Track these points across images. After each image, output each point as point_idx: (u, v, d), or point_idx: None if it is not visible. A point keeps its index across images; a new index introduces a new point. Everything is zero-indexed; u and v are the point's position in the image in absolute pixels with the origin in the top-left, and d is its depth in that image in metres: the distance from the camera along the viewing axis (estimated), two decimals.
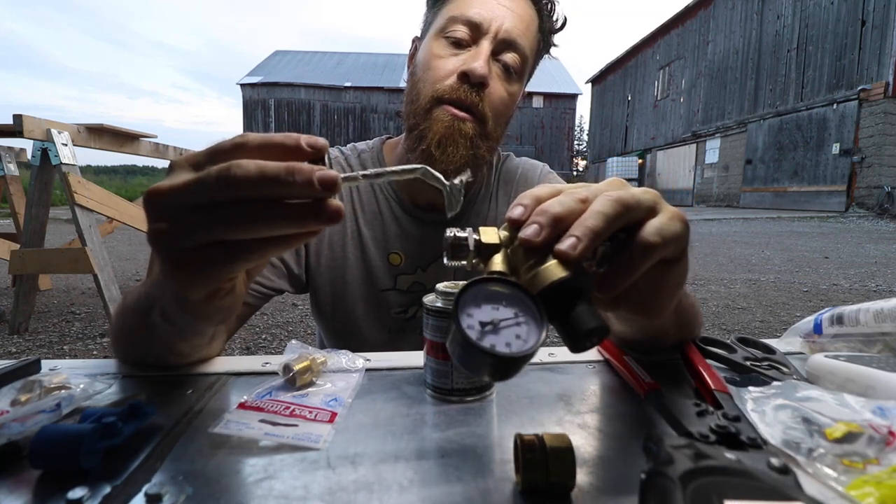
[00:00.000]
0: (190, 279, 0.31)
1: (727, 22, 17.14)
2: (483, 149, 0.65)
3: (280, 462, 0.30)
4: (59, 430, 0.29)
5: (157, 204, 0.29)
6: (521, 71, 0.68)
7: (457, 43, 0.64)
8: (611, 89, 27.12)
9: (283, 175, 0.27)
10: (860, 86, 11.76)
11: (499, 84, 0.65)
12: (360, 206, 0.74)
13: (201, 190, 0.28)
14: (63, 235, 5.97)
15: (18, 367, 0.40)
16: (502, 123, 0.68)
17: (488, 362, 0.26)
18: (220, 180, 0.27)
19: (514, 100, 0.68)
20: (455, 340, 0.27)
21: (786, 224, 9.86)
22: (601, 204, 0.30)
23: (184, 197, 0.28)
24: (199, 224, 0.28)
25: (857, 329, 0.46)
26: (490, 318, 0.27)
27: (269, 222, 0.28)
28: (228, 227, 0.28)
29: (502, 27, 0.64)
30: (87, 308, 3.12)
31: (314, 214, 0.28)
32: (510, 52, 0.65)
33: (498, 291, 0.29)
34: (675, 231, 0.32)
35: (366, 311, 0.75)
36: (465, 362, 0.27)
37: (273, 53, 27.95)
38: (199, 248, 0.29)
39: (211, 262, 0.30)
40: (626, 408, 0.39)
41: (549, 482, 0.26)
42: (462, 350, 0.27)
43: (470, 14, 0.64)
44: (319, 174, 0.27)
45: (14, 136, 2.33)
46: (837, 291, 3.75)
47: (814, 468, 0.28)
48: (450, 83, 0.62)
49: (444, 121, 0.62)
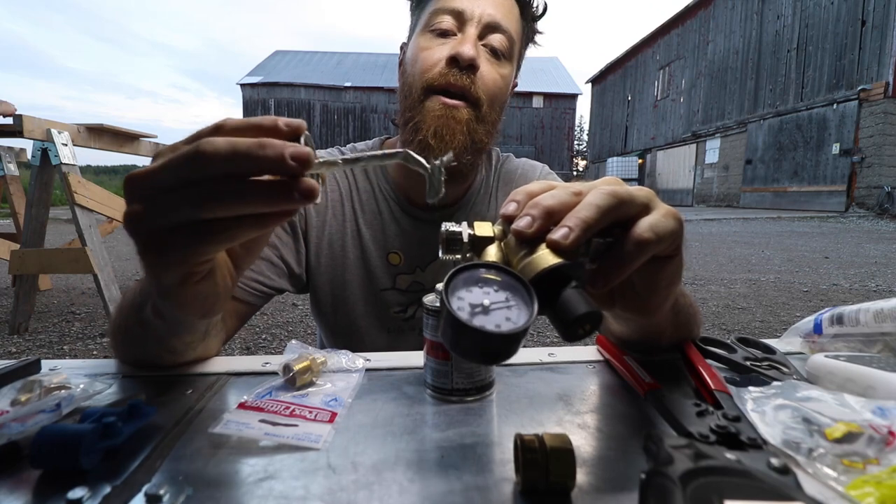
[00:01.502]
0: (161, 261, 0.31)
1: (727, 22, 17.14)
2: (481, 132, 0.65)
3: (280, 462, 0.30)
4: (59, 430, 0.29)
5: (133, 187, 0.29)
6: (510, 53, 0.68)
7: (443, 33, 0.65)
8: (611, 89, 27.13)
9: (254, 149, 0.27)
10: (860, 86, 11.77)
11: (489, 66, 0.66)
12: (360, 206, 0.74)
13: (173, 169, 0.28)
14: (63, 235, 5.97)
15: (18, 367, 0.40)
16: (497, 107, 0.68)
17: (478, 341, 0.26)
18: (189, 158, 0.27)
19: (506, 82, 0.69)
20: (446, 322, 0.27)
21: (786, 224, 9.86)
22: (594, 196, 0.31)
23: (157, 178, 0.28)
24: (169, 204, 0.28)
25: (857, 329, 0.46)
26: (480, 300, 0.27)
27: (239, 199, 0.28)
28: (197, 206, 0.28)
29: (485, 12, 0.65)
30: (87, 308, 3.12)
31: (286, 192, 0.28)
32: (496, 34, 0.66)
33: (489, 277, 0.29)
34: (669, 228, 0.32)
35: (365, 311, 0.75)
36: (455, 344, 0.27)
37: (273, 53, 27.96)
38: (169, 229, 0.29)
39: (181, 243, 0.30)
40: (626, 408, 0.39)
41: (549, 482, 0.26)
42: (453, 331, 0.26)
43: (453, 4, 0.65)
44: (291, 149, 0.27)
45: (14, 136, 2.33)
46: (837, 291, 3.75)
47: (814, 468, 0.28)
48: (439, 69, 0.63)
49: (436, 110, 0.62)
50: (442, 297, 0.27)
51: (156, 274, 0.33)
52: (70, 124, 2.45)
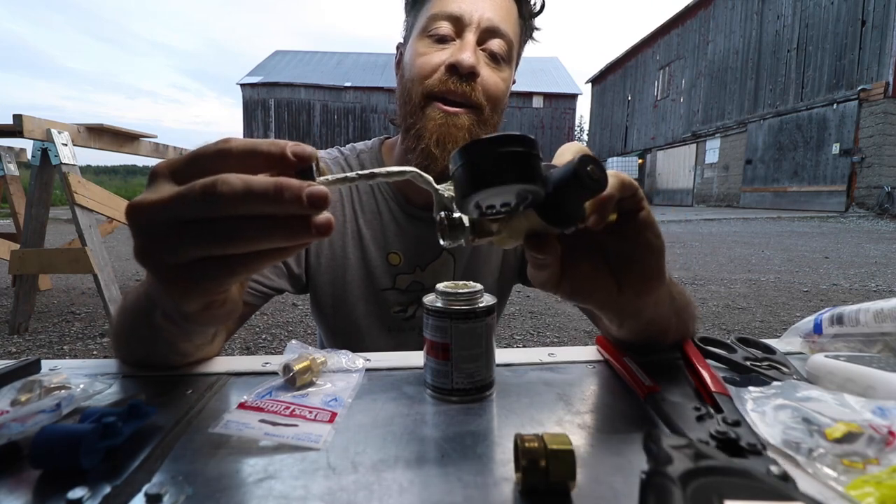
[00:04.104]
0: (182, 294, 0.31)
1: (727, 22, 17.13)
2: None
3: (280, 462, 0.30)
4: (59, 430, 0.29)
5: (140, 220, 0.28)
6: (509, 56, 0.68)
7: (441, 39, 0.65)
8: (611, 89, 27.11)
9: (272, 192, 0.26)
10: (860, 86, 11.76)
11: (489, 71, 0.65)
12: (360, 206, 0.74)
13: (185, 206, 0.27)
14: (63, 235, 5.97)
15: (18, 367, 0.40)
16: (499, 110, 0.68)
17: (506, 157, 0.27)
18: (204, 196, 0.26)
19: (506, 85, 0.69)
20: (467, 161, 0.28)
21: (786, 224, 9.86)
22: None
23: (167, 212, 0.27)
24: (186, 240, 0.28)
25: (857, 329, 0.46)
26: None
27: (258, 237, 0.27)
28: (216, 243, 0.27)
29: (484, 16, 0.65)
30: (87, 308, 3.12)
31: (304, 229, 0.27)
32: (495, 39, 0.66)
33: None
34: (621, 177, 0.34)
35: (366, 311, 0.75)
36: (482, 173, 0.27)
37: (273, 53, 27.94)
38: (187, 263, 0.29)
39: (201, 277, 0.29)
40: (625, 408, 0.39)
41: (549, 482, 0.26)
42: (478, 158, 0.27)
43: (450, 9, 0.65)
44: (308, 190, 0.26)
45: (14, 136, 2.33)
46: (837, 291, 3.75)
47: (814, 468, 0.28)
48: (438, 77, 0.63)
49: (437, 119, 0.62)
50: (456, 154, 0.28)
51: (178, 304, 0.33)
52: (70, 124, 2.45)
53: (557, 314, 3.16)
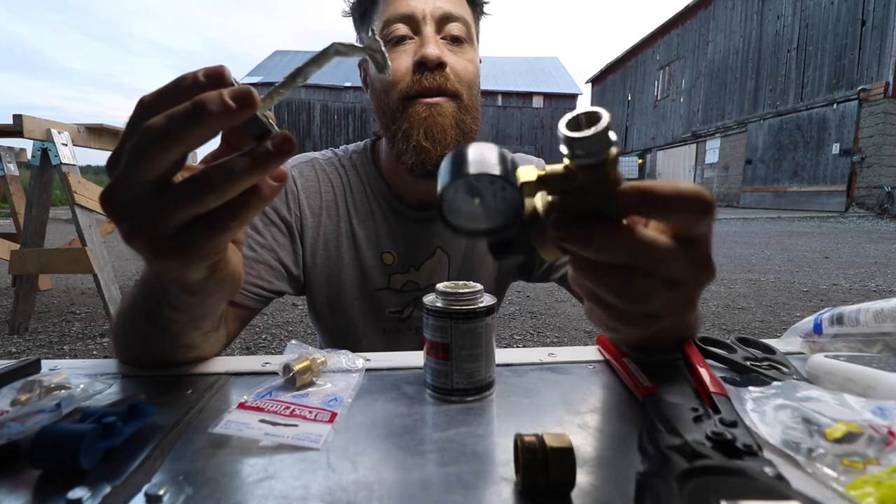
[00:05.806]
0: (183, 263, 0.31)
1: (727, 22, 17.13)
2: (468, 121, 0.66)
3: (280, 462, 0.30)
4: (59, 430, 0.29)
5: (114, 206, 0.29)
6: (469, 36, 0.69)
7: (399, 40, 0.65)
8: (611, 89, 27.10)
9: (193, 110, 0.26)
10: (860, 86, 11.76)
11: (454, 58, 0.66)
12: (353, 206, 0.74)
13: (137, 168, 0.28)
14: (63, 235, 5.97)
15: (18, 367, 0.40)
16: (475, 93, 0.69)
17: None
18: (139, 152, 0.27)
19: (475, 66, 0.70)
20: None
21: (786, 224, 9.86)
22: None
23: (130, 185, 0.28)
24: (165, 208, 0.28)
25: (857, 329, 0.46)
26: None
27: (227, 180, 0.28)
28: (192, 199, 0.28)
29: (434, 5, 0.65)
30: (87, 308, 3.12)
31: (264, 154, 0.28)
32: (451, 23, 0.67)
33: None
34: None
35: (361, 311, 0.75)
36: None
37: (273, 53, 27.95)
38: (177, 233, 0.29)
39: (195, 241, 0.30)
40: (626, 408, 0.39)
41: (549, 482, 0.26)
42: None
43: (400, 10, 0.65)
44: (227, 93, 0.26)
45: (14, 136, 2.33)
46: (837, 291, 3.75)
47: (814, 468, 0.28)
48: (409, 78, 0.64)
49: (420, 113, 0.63)
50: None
51: (180, 276, 0.33)
52: (70, 124, 2.45)
53: (557, 314, 3.16)
